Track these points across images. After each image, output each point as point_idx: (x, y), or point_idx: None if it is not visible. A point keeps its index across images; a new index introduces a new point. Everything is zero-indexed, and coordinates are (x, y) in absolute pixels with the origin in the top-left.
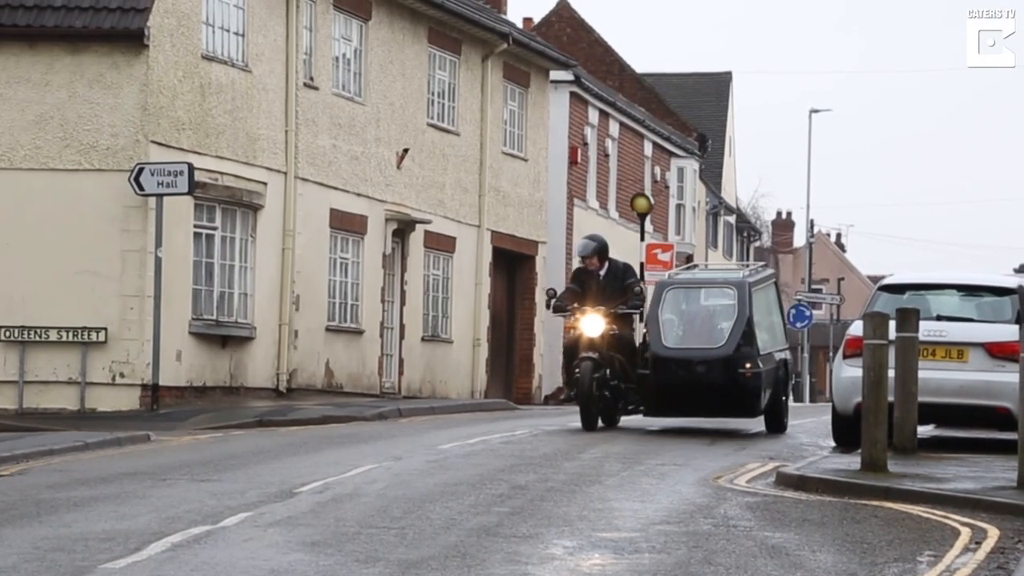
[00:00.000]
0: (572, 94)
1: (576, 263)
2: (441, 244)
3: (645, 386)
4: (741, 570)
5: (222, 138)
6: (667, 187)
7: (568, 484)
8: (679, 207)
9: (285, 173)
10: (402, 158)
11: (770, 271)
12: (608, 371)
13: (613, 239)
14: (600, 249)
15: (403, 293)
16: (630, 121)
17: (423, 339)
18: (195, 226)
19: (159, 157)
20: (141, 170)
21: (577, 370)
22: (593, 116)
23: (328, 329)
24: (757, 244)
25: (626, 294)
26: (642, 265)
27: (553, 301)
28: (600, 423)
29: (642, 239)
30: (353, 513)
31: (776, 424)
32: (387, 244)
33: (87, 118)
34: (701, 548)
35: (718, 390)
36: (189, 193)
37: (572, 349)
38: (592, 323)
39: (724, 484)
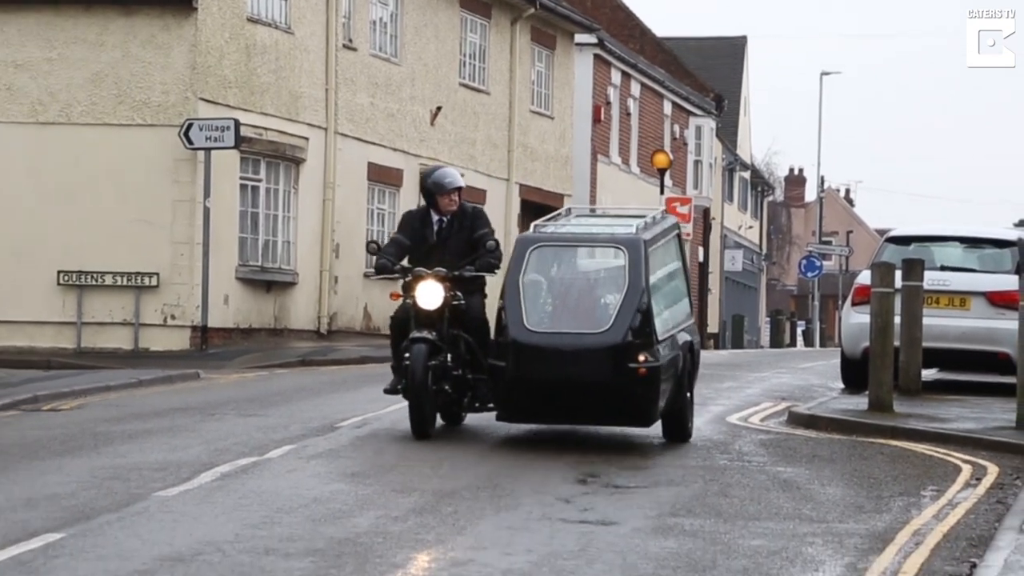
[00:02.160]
0: (596, 56)
1: (411, 203)
2: (472, 196)
3: (498, 381)
4: (755, 502)
5: (266, 96)
6: (685, 144)
7: None
8: (696, 163)
9: (326, 129)
10: (435, 115)
11: (672, 219)
12: (450, 356)
13: (635, 193)
14: (462, 184)
15: None
16: (650, 82)
17: None
18: (241, 178)
19: (207, 113)
20: (190, 125)
21: (407, 355)
22: (616, 77)
23: (366, 275)
24: (770, 199)
25: (476, 250)
26: None
27: (377, 258)
28: (440, 421)
29: (662, 192)
30: (390, 446)
31: (678, 431)
32: (421, 196)
33: (140, 76)
34: (717, 481)
35: (599, 392)
36: (235, 147)
37: (402, 326)
38: (428, 292)
39: (739, 422)
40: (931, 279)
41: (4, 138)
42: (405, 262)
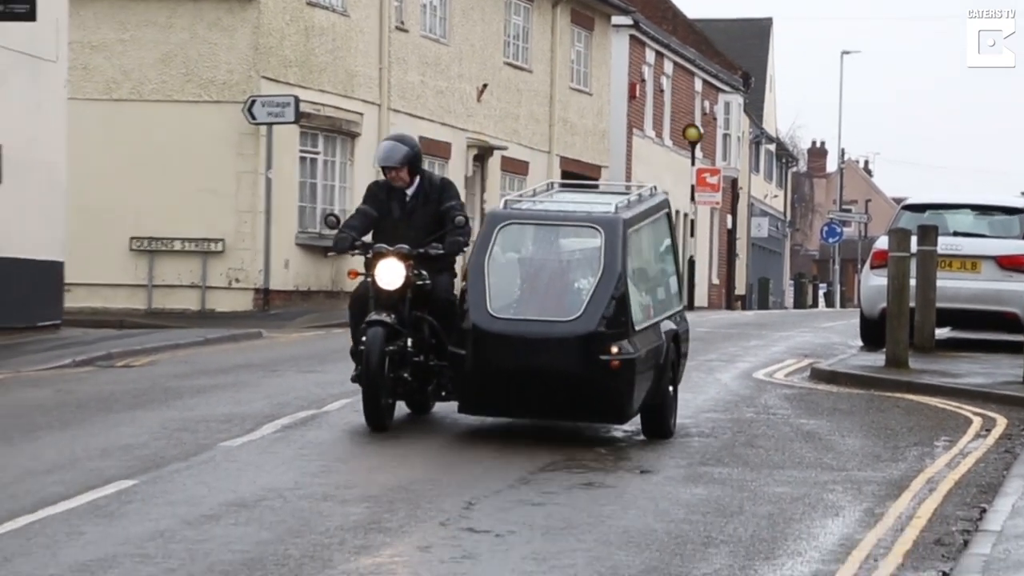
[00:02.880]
0: (631, 37)
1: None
2: (516, 168)
3: (457, 370)
4: (780, 452)
5: (324, 74)
6: (715, 119)
7: None
8: (725, 136)
9: (379, 105)
10: (482, 92)
11: (662, 197)
12: (410, 341)
13: (668, 164)
14: (412, 157)
15: (482, 211)
16: (682, 61)
17: None
18: (300, 151)
19: (269, 91)
20: (253, 102)
21: (364, 339)
22: (650, 56)
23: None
24: (794, 170)
25: (444, 225)
26: (693, 188)
27: (337, 233)
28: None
29: (692, 164)
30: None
31: (658, 426)
32: (468, 167)
33: (206, 56)
34: (744, 433)
35: (567, 385)
36: (295, 122)
37: (362, 307)
38: (388, 271)
39: (764, 378)
40: (944, 244)
41: (81, 114)
42: (369, 238)
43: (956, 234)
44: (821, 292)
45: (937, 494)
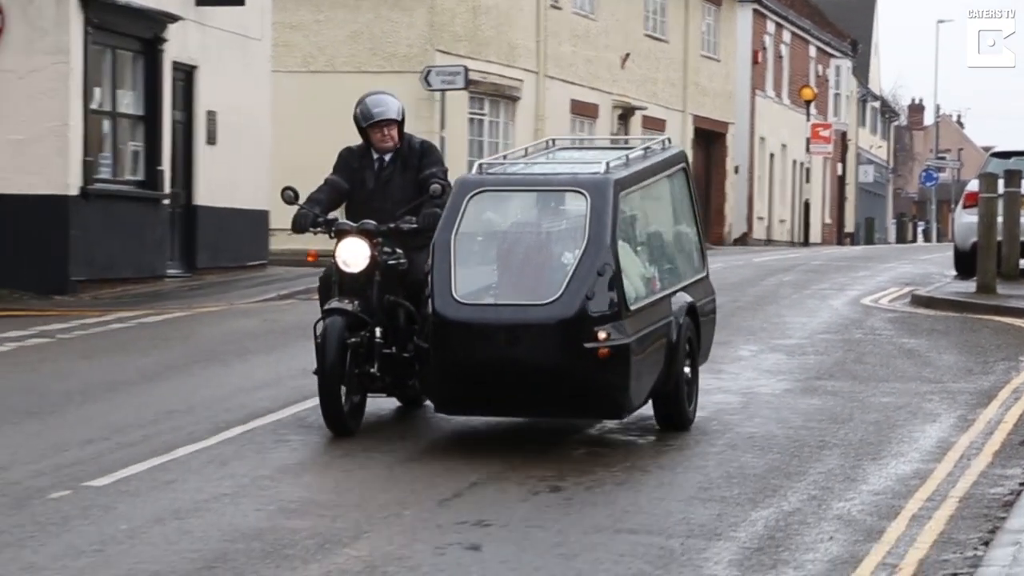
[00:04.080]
0: (754, 11)
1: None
2: (654, 125)
3: (424, 365)
4: (884, 367)
5: (489, 47)
6: (827, 80)
7: (752, 304)
8: (836, 95)
9: (537, 73)
10: (625, 60)
11: (674, 150)
12: (379, 331)
13: (786, 120)
14: (403, 112)
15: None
16: (798, 30)
17: None
18: (469, 113)
19: (442, 62)
20: (429, 71)
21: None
22: (770, 27)
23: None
24: (896, 124)
25: (421, 194)
26: (807, 140)
27: (299, 210)
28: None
29: (807, 120)
30: None
31: (673, 415)
32: (614, 125)
33: (388, 33)
34: (853, 351)
35: (546, 380)
36: (465, 88)
37: (327, 292)
38: (351, 251)
39: (870, 304)
40: None
41: (282, 84)
42: (342, 213)
43: None
44: (920, 229)
45: (1022, 402)
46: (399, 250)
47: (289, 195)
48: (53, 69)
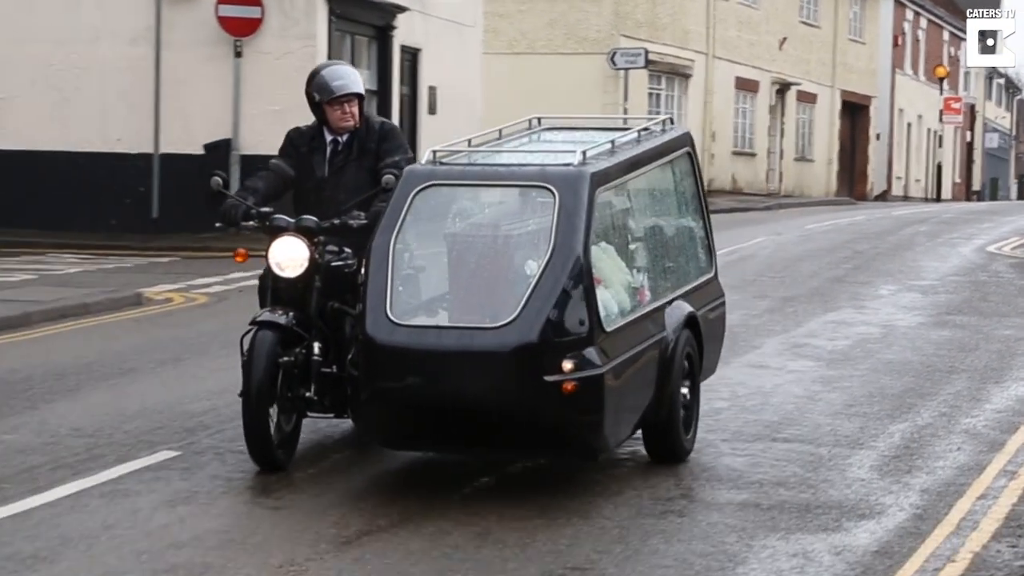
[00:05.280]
0: (895, 1)
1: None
2: (807, 99)
3: (354, 395)
4: (1006, 304)
5: (666, 32)
6: (958, 60)
7: (891, 250)
8: (966, 73)
9: (706, 54)
10: (782, 43)
11: (676, 132)
12: (318, 347)
13: (922, 95)
14: (360, 90)
15: (782, 130)
16: (934, 18)
17: (795, 159)
18: (648, 89)
19: (625, 45)
20: (614, 53)
21: (246, 342)
22: (909, 15)
23: (733, 153)
24: (1019, 97)
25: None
26: (940, 112)
27: (227, 200)
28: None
29: (940, 94)
30: (751, 267)
31: (665, 446)
32: (772, 98)
33: (581, 20)
34: (979, 291)
35: (496, 419)
36: (645, 67)
37: (264, 295)
38: (285, 252)
39: (994, 251)
40: None
41: (492, 64)
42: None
43: None
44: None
45: None
46: (347, 249)
47: (217, 181)
48: (303, 51)
